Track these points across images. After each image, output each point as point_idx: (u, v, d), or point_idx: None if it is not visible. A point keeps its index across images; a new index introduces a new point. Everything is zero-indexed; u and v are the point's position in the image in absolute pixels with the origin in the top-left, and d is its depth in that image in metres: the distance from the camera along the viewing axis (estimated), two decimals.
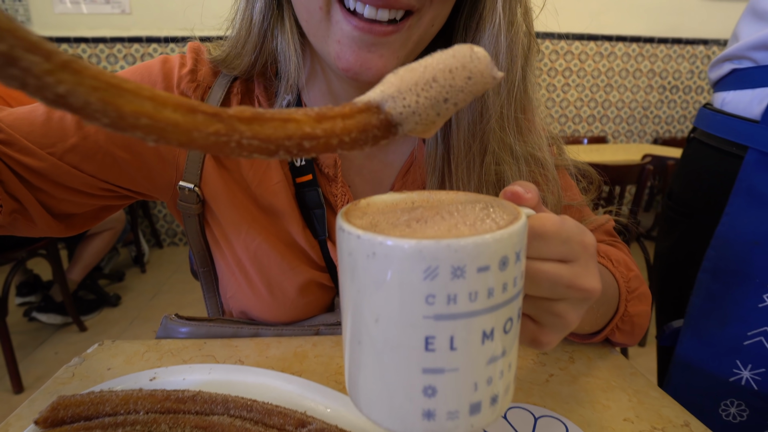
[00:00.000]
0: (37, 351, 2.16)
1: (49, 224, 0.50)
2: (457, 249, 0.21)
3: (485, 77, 0.25)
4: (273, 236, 0.54)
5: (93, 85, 0.20)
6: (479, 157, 0.48)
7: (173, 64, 0.53)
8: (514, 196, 0.28)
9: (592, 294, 0.30)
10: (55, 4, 3.05)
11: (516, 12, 0.45)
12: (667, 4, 3.45)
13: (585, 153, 2.76)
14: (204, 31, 2.43)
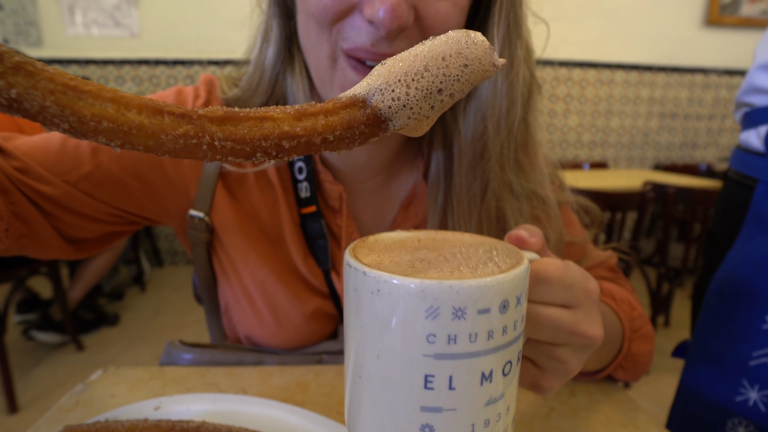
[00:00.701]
0: (33, 370, 2.14)
1: (60, 247, 0.51)
2: (459, 290, 0.21)
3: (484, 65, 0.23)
4: (279, 265, 0.54)
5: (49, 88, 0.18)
6: (480, 194, 0.49)
7: (187, 95, 0.55)
8: (519, 241, 0.29)
9: (594, 341, 0.30)
10: (67, 26, 3.13)
11: (516, 54, 0.46)
12: (666, 33, 3.53)
13: (586, 178, 2.78)
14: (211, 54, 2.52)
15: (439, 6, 0.41)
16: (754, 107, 0.72)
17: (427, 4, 0.41)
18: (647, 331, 0.52)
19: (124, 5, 3.13)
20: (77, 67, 3.17)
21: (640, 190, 1.96)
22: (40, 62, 0.19)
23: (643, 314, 0.53)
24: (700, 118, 3.76)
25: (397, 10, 0.37)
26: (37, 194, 0.47)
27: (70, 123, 0.19)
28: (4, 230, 0.46)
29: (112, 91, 0.20)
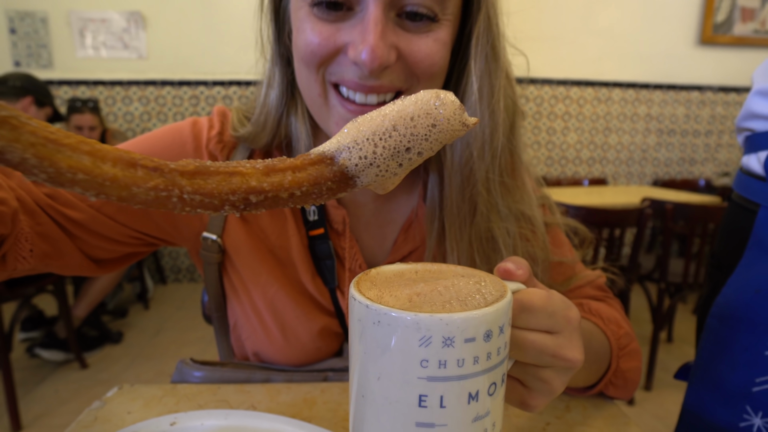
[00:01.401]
0: (37, 388, 2.15)
1: (82, 265, 0.54)
2: (448, 323, 0.25)
3: (453, 124, 0.24)
4: (288, 284, 0.57)
5: (30, 141, 0.20)
6: (469, 217, 0.52)
7: (202, 126, 0.58)
8: (506, 273, 0.32)
9: (575, 364, 0.33)
10: (77, 49, 3.21)
11: (495, 84, 0.49)
12: (661, 52, 3.60)
13: (586, 195, 2.81)
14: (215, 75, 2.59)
15: (420, 43, 0.45)
16: (754, 132, 0.73)
17: (408, 43, 0.44)
18: (634, 348, 0.55)
19: (132, 28, 3.22)
20: (86, 87, 3.25)
21: (639, 207, 1.99)
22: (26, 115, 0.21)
23: (630, 332, 0.56)
24: (697, 134, 3.81)
25: (377, 52, 0.41)
26: (65, 218, 0.50)
27: (48, 174, 0.20)
28: (29, 250, 0.49)
29: (90, 143, 0.21)
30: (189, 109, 3.33)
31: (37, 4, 3.13)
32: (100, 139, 2.91)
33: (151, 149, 0.56)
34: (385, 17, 0.43)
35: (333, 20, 0.44)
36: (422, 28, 0.45)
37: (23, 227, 0.47)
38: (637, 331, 2.63)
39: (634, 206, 2.01)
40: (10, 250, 0.46)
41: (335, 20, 0.44)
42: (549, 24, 3.48)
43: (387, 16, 0.43)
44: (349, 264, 0.58)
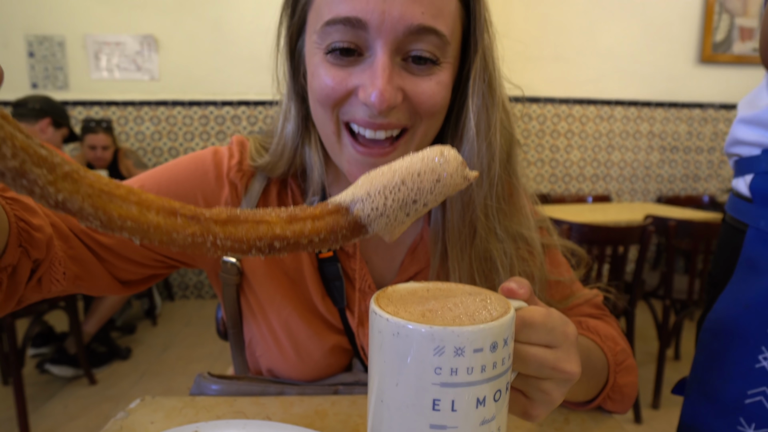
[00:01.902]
0: (46, 404, 2.17)
1: (110, 285, 0.58)
2: (459, 334, 0.28)
3: (455, 179, 0.27)
4: (300, 305, 0.61)
5: (87, 192, 0.23)
6: (469, 239, 0.55)
7: (223, 155, 0.62)
8: (509, 292, 0.36)
9: (572, 376, 0.36)
10: (92, 71, 3.32)
11: (492, 118, 0.53)
12: (662, 71, 3.66)
13: (590, 212, 2.83)
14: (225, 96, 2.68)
15: (424, 86, 0.49)
16: (741, 157, 0.76)
17: (413, 85, 0.48)
18: (630, 364, 0.57)
19: (145, 51, 3.32)
20: (99, 108, 3.34)
21: (642, 224, 2.01)
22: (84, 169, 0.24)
23: (626, 349, 0.58)
24: (700, 150, 3.84)
25: (385, 94, 0.45)
26: (96, 243, 0.54)
27: (101, 221, 0.23)
28: (62, 273, 0.52)
29: (137, 194, 0.24)
30: (198, 128, 3.41)
31: (55, 28, 3.25)
32: (113, 158, 2.98)
33: (176, 177, 0.60)
34: (391, 62, 0.47)
35: (345, 65, 0.48)
36: (425, 71, 0.48)
37: (57, 252, 0.51)
38: (643, 348, 2.62)
39: (637, 223, 2.03)
40: (45, 273, 0.50)
41: (347, 65, 0.48)
42: (551, 44, 3.55)
43: (393, 61, 0.47)
44: (359, 285, 0.62)
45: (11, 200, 0.47)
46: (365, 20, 0.45)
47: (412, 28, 0.46)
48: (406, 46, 0.47)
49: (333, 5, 0.47)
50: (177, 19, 3.30)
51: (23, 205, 0.47)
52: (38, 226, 0.47)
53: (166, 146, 3.43)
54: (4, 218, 0.43)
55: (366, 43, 0.47)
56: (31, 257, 0.47)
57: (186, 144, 3.43)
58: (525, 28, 3.49)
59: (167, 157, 3.44)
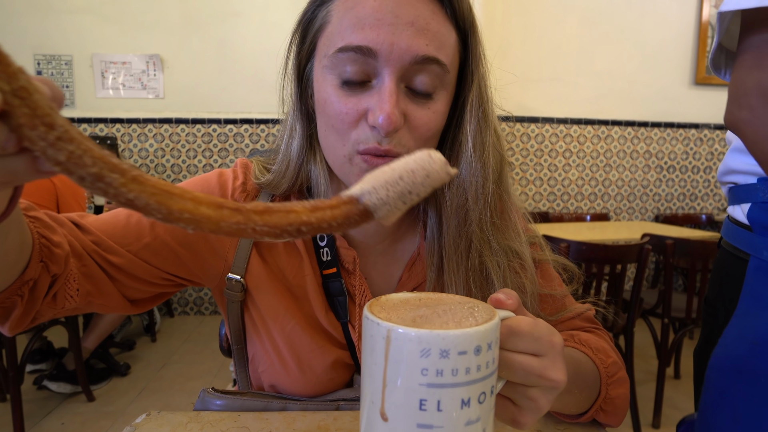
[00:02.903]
0: (43, 421, 2.16)
1: (119, 304, 0.60)
2: (444, 337, 0.30)
3: (440, 174, 0.33)
4: (304, 320, 0.63)
5: (152, 192, 0.28)
6: (465, 252, 0.58)
7: (227, 177, 0.65)
8: (498, 302, 0.38)
9: (558, 384, 0.38)
10: (98, 89, 3.38)
11: (486, 140, 0.58)
12: (658, 92, 3.73)
13: (588, 230, 2.85)
14: (228, 114, 2.75)
15: (422, 113, 0.53)
16: (737, 184, 0.75)
17: (414, 111, 0.52)
18: (621, 376, 0.59)
19: (151, 70, 3.39)
20: (104, 125, 3.39)
21: (639, 242, 2.03)
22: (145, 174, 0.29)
23: (618, 362, 0.60)
24: (697, 170, 3.89)
25: (391, 117, 0.49)
26: (108, 263, 0.57)
27: (163, 214, 0.28)
28: (76, 290, 0.55)
29: (190, 193, 0.30)
30: (202, 146, 3.46)
31: (63, 48, 3.33)
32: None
33: None
34: (397, 88, 0.51)
35: (356, 92, 0.52)
36: (423, 99, 0.53)
37: (72, 269, 0.53)
38: (643, 367, 2.62)
39: (635, 242, 2.05)
40: (60, 289, 0.53)
41: (358, 91, 0.52)
42: (549, 66, 3.63)
43: (399, 87, 0.51)
44: (359, 300, 0.64)
45: (33, 219, 0.50)
46: (376, 50, 0.49)
47: (417, 58, 0.50)
48: (410, 75, 0.51)
49: (346, 34, 0.51)
50: (183, 39, 3.38)
51: (44, 223, 0.51)
52: (58, 243, 0.50)
53: (169, 163, 3.47)
54: (28, 235, 0.46)
55: (375, 71, 0.51)
56: (50, 272, 0.50)
57: (189, 161, 3.48)
58: (523, 50, 3.57)
59: (170, 174, 3.48)
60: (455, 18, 0.53)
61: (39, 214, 0.51)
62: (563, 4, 3.57)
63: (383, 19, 0.49)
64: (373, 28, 0.49)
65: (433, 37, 0.50)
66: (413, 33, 0.49)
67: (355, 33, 0.50)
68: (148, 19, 3.35)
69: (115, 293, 0.59)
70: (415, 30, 0.49)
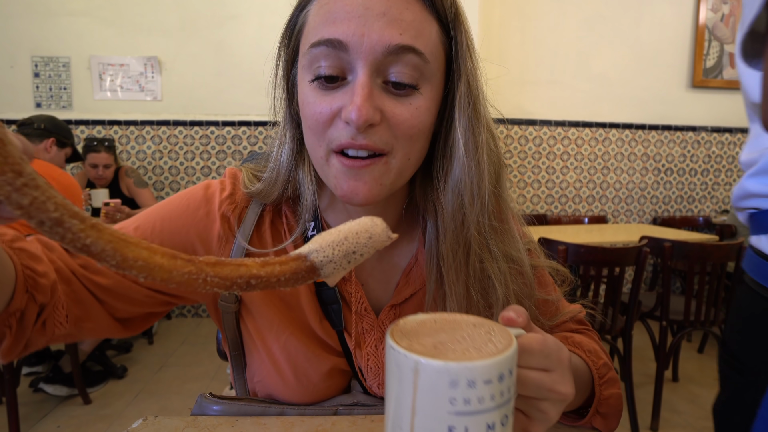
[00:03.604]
0: (39, 424, 2.15)
1: (110, 327, 0.60)
2: (471, 369, 0.31)
3: (382, 237, 0.37)
4: (299, 330, 0.62)
5: (108, 239, 0.30)
6: (464, 259, 0.57)
7: (215, 189, 0.64)
8: (509, 321, 0.40)
9: (567, 396, 0.40)
10: (96, 91, 3.37)
11: (478, 139, 0.56)
12: (655, 95, 3.74)
13: (586, 233, 2.86)
14: (226, 117, 2.74)
15: (402, 108, 0.51)
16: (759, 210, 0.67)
17: (392, 107, 0.50)
18: (612, 377, 0.59)
19: (149, 72, 3.39)
20: (102, 127, 3.39)
21: (637, 245, 2.03)
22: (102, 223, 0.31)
23: (608, 363, 0.61)
24: (694, 172, 3.90)
25: (362, 110, 0.48)
26: (95, 285, 0.56)
27: (117, 261, 0.31)
28: (65, 316, 0.55)
29: (146, 243, 0.32)
30: (199, 148, 3.46)
31: (61, 50, 3.32)
32: (114, 175, 3.01)
33: (169, 215, 0.61)
34: (371, 82, 0.49)
35: (330, 90, 0.51)
36: (404, 94, 0.51)
37: (60, 296, 0.54)
38: (641, 369, 2.62)
39: (633, 244, 2.05)
40: (49, 317, 0.53)
41: (332, 89, 0.51)
42: (547, 69, 3.64)
43: (374, 82, 0.50)
44: (356, 307, 0.63)
45: (18, 250, 0.51)
46: (346, 42, 0.48)
47: (390, 48, 0.48)
48: (386, 68, 0.49)
49: (318, 30, 0.50)
50: (181, 42, 3.38)
51: (30, 254, 0.51)
52: (43, 273, 0.51)
53: (166, 165, 3.47)
54: (11, 267, 0.47)
55: (348, 66, 0.50)
56: (37, 302, 0.50)
57: (186, 163, 3.47)
58: (521, 53, 3.58)
59: (167, 176, 3.48)
60: (435, 8, 0.51)
61: (24, 244, 0.52)
62: (561, 7, 3.58)
63: (353, 11, 0.48)
64: (343, 21, 0.48)
65: (407, 26, 0.49)
66: (385, 23, 0.48)
67: (327, 27, 0.49)
68: (146, 22, 3.35)
69: (104, 316, 0.59)
70: (387, 20, 0.48)
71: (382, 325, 0.63)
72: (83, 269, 0.56)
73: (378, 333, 0.63)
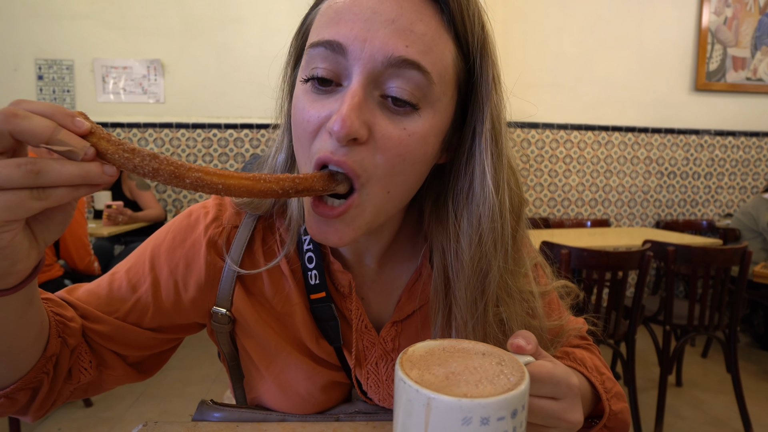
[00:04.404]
0: (40, 426, 2.14)
1: (126, 372, 0.61)
2: (485, 405, 0.31)
3: None
4: (295, 350, 0.61)
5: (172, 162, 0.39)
6: (483, 308, 0.52)
7: (198, 215, 0.62)
8: (518, 348, 0.39)
9: (575, 425, 0.40)
10: (99, 94, 3.38)
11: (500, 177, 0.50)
12: (658, 98, 3.73)
13: (589, 236, 2.84)
14: (228, 119, 2.74)
15: (391, 129, 0.45)
16: None
17: (382, 125, 0.45)
18: (618, 391, 0.58)
19: (152, 75, 3.39)
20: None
21: (640, 249, 2.02)
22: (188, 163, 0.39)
23: (611, 377, 0.60)
24: (697, 176, 3.89)
25: (346, 121, 0.42)
26: (96, 334, 0.57)
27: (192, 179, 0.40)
28: (89, 361, 0.57)
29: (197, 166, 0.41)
30: (202, 150, 3.46)
31: (65, 53, 3.33)
32: (117, 178, 3.01)
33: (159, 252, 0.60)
34: (364, 92, 0.44)
35: (322, 95, 0.46)
36: (400, 113, 0.45)
37: (82, 342, 0.56)
38: (644, 374, 2.60)
39: (636, 248, 2.04)
40: (75, 363, 0.55)
41: (324, 94, 0.46)
42: (550, 72, 3.63)
43: (368, 93, 0.44)
44: (356, 325, 0.61)
45: (46, 300, 0.53)
46: (345, 45, 0.43)
47: (392, 59, 0.43)
48: (385, 80, 0.44)
49: (321, 30, 0.46)
50: (183, 45, 3.39)
51: (56, 302, 0.54)
52: (71, 317, 0.54)
53: None
54: (45, 315, 0.49)
55: (345, 71, 0.45)
56: (69, 346, 0.53)
57: None
58: (524, 56, 3.58)
59: None
60: (454, 26, 0.46)
61: (49, 295, 0.54)
62: (563, 11, 3.58)
63: (360, 13, 0.43)
64: (347, 22, 0.44)
65: (417, 39, 0.43)
66: (391, 31, 0.43)
67: (329, 28, 0.45)
68: (149, 25, 3.36)
69: (118, 362, 0.60)
70: (395, 29, 0.43)
71: (383, 342, 0.62)
72: (84, 320, 0.57)
73: (379, 350, 0.62)
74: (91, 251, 2.21)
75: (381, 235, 0.60)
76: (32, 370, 0.49)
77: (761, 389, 2.59)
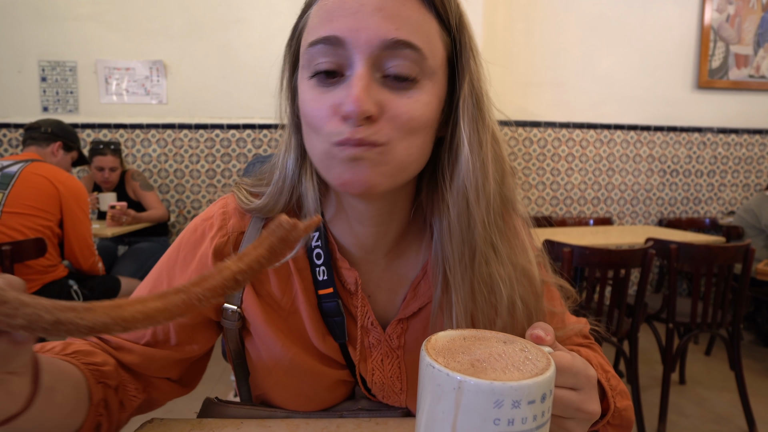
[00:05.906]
0: None
1: (172, 388, 0.64)
2: (517, 389, 0.31)
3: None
4: (302, 349, 0.61)
5: (103, 312, 0.31)
6: (470, 259, 0.55)
7: (203, 228, 0.63)
8: (538, 339, 0.40)
9: (593, 416, 0.40)
10: (102, 95, 3.40)
11: (483, 139, 0.54)
12: (660, 96, 3.73)
13: (591, 235, 2.84)
14: (231, 120, 2.77)
15: (401, 101, 0.49)
16: None
17: (391, 100, 0.49)
18: (623, 389, 0.59)
19: (154, 76, 3.41)
20: (107, 131, 3.41)
21: (643, 247, 2.01)
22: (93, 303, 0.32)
23: (615, 375, 0.60)
24: (700, 174, 3.88)
25: (358, 101, 0.46)
26: (130, 363, 0.59)
27: (121, 326, 0.32)
28: (135, 388, 0.59)
29: (136, 298, 0.33)
30: (204, 151, 3.47)
31: (67, 54, 3.35)
32: (120, 178, 3.03)
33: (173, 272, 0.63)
34: (369, 75, 0.48)
35: (329, 87, 0.50)
36: (403, 87, 0.50)
37: (124, 374, 0.58)
38: (647, 372, 2.61)
39: (639, 246, 2.04)
40: (124, 395, 0.57)
41: (331, 86, 0.50)
42: (551, 70, 3.63)
43: (372, 75, 0.48)
44: (361, 321, 0.62)
45: (72, 354, 0.54)
46: (342, 38, 0.48)
47: (387, 42, 0.47)
48: (383, 62, 0.49)
49: (316, 29, 0.50)
50: (186, 46, 3.40)
51: (83, 352, 0.55)
52: (103, 362, 0.56)
53: (171, 168, 3.49)
54: (77, 372, 0.51)
55: (347, 61, 0.49)
56: (111, 386, 0.55)
57: (191, 166, 3.49)
58: (525, 55, 3.58)
59: (173, 179, 3.49)
60: (434, 8, 0.51)
61: (75, 347, 0.55)
62: (565, 9, 3.58)
63: (350, 8, 0.48)
64: (339, 18, 0.48)
65: (404, 22, 0.48)
66: (381, 19, 0.47)
67: (324, 26, 0.49)
68: (152, 26, 3.37)
69: (160, 381, 0.62)
70: (383, 16, 0.47)
71: (389, 339, 0.63)
72: (116, 351, 0.59)
73: (385, 347, 0.63)
74: (96, 252, 2.23)
75: (390, 227, 0.62)
76: (86, 420, 0.51)
77: (765, 387, 2.59)
